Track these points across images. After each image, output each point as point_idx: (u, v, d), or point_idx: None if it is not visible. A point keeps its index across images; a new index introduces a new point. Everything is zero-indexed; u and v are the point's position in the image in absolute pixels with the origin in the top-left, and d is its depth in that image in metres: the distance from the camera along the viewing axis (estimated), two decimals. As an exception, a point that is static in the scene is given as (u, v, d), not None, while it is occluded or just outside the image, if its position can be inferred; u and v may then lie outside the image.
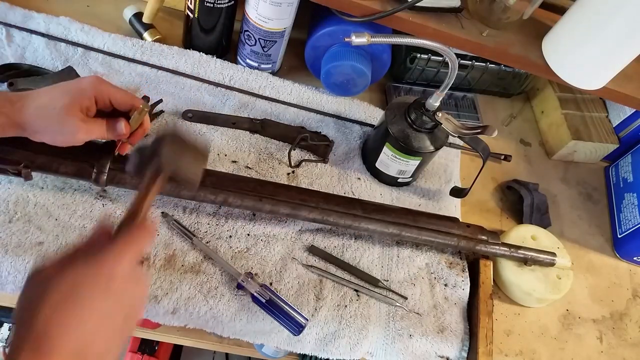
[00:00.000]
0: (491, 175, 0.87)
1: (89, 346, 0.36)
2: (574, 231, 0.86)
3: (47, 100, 0.52)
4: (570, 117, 0.91)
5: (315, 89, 0.83)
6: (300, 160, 0.76)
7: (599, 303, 0.80)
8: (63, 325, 0.36)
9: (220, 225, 0.67)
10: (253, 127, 0.76)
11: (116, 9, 0.82)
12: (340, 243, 0.70)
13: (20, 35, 0.73)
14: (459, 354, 0.67)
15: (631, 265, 0.85)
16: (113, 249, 0.40)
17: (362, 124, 0.82)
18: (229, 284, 0.63)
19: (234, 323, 0.62)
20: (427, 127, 0.70)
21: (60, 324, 0.36)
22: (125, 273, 0.40)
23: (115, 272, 0.39)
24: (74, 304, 0.37)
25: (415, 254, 0.72)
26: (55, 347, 0.35)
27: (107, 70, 0.75)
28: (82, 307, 0.37)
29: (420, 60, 0.86)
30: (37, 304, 0.36)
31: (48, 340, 0.35)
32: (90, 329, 0.37)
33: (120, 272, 0.39)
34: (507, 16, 0.72)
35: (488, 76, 0.91)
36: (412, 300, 0.69)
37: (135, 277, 0.41)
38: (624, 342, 0.77)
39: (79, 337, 0.36)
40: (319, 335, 0.64)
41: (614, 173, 0.92)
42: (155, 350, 1.20)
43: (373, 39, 0.59)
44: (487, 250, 0.71)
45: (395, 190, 0.78)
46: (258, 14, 0.73)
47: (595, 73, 0.71)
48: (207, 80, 0.78)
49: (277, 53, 0.80)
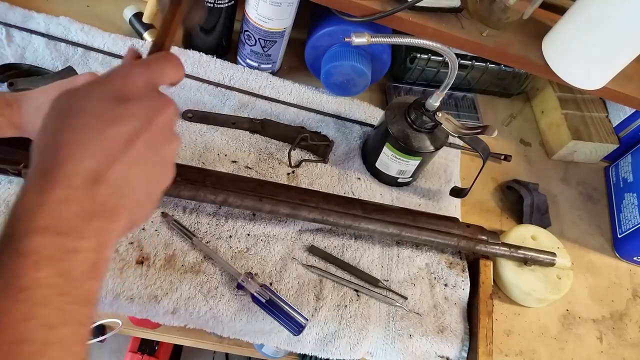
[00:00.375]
0: (491, 175, 0.87)
1: (107, 171, 0.31)
2: (574, 231, 0.86)
3: (43, 101, 0.52)
4: (570, 117, 0.91)
5: (315, 89, 0.83)
6: (300, 160, 0.76)
7: (599, 303, 0.80)
8: (69, 143, 0.31)
9: (220, 225, 0.67)
10: (253, 127, 0.76)
11: (116, 9, 0.82)
12: (340, 243, 0.70)
13: (20, 35, 0.73)
14: (459, 354, 0.67)
15: (631, 265, 0.85)
16: (126, 66, 0.35)
17: (362, 124, 0.82)
18: (229, 284, 0.63)
19: (234, 323, 0.62)
20: (427, 127, 0.70)
21: (66, 142, 0.31)
22: (141, 95, 0.34)
23: (127, 91, 0.33)
24: (81, 118, 0.31)
25: (415, 254, 0.72)
26: (64, 166, 0.30)
27: (107, 70, 0.74)
28: (89, 123, 0.31)
29: (420, 60, 0.86)
30: (45, 126, 0.32)
31: (55, 161, 0.30)
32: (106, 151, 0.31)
33: (135, 93, 0.33)
34: (507, 16, 0.72)
35: (488, 76, 0.91)
36: (412, 300, 0.69)
37: (156, 104, 0.34)
38: (624, 342, 0.77)
39: (92, 158, 0.31)
40: (319, 335, 0.64)
41: (614, 173, 0.92)
42: (155, 350, 1.20)
43: (373, 39, 0.59)
44: (487, 250, 0.71)
45: (395, 190, 0.78)
46: (258, 14, 0.73)
47: (595, 73, 0.71)
48: (207, 80, 0.78)
49: (277, 53, 0.80)
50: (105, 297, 0.59)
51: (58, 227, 0.29)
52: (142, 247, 0.62)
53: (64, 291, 0.29)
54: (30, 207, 0.29)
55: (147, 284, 0.60)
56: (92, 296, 0.31)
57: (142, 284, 0.60)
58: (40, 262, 0.28)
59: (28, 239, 0.29)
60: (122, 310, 0.60)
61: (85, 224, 0.30)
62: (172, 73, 0.37)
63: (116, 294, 0.59)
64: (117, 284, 0.59)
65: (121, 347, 1.33)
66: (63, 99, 0.33)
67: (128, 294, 0.59)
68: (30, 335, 0.28)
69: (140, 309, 0.60)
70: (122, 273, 0.60)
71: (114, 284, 0.59)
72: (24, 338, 0.28)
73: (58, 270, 0.29)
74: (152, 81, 0.35)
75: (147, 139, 0.33)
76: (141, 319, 0.62)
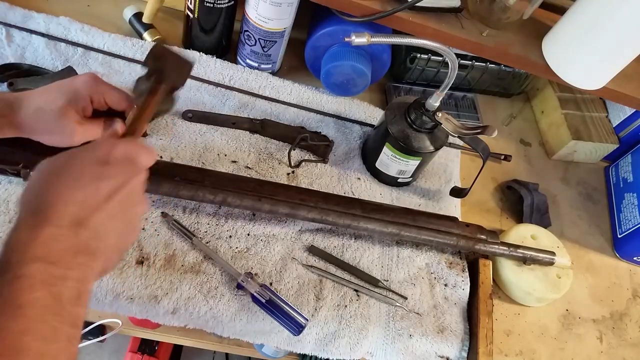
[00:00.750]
0: (491, 175, 0.87)
1: (89, 218, 0.37)
2: (574, 231, 0.86)
3: (43, 102, 0.52)
4: (570, 117, 0.91)
5: (315, 89, 0.83)
6: (300, 160, 0.76)
7: (599, 303, 0.80)
8: (59, 192, 0.37)
9: (220, 225, 0.67)
10: (253, 127, 0.76)
11: (116, 9, 0.82)
12: (340, 243, 0.70)
13: (20, 35, 0.73)
14: (459, 354, 0.67)
15: (631, 265, 0.85)
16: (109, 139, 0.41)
17: (362, 124, 0.82)
18: (229, 284, 0.63)
19: (234, 323, 0.62)
20: (427, 127, 0.70)
21: (56, 191, 0.37)
22: (119, 162, 0.40)
23: (109, 158, 0.40)
24: (69, 174, 0.38)
25: (415, 254, 0.72)
26: (53, 211, 0.36)
27: (107, 70, 0.75)
28: (77, 178, 0.38)
29: (420, 60, 0.86)
30: (33, 182, 0.38)
31: (45, 205, 0.36)
32: (89, 202, 0.37)
33: (115, 160, 0.40)
34: (507, 16, 0.72)
35: (488, 76, 0.91)
36: (412, 300, 0.69)
37: (131, 169, 0.41)
38: (624, 342, 0.77)
39: (77, 205, 0.37)
40: (319, 335, 0.64)
41: (614, 173, 0.93)
42: (155, 350, 1.20)
43: (373, 39, 0.59)
44: (486, 249, 0.71)
45: (395, 190, 0.78)
46: (258, 14, 0.73)
47: (595, 73, 0.71)
48: (207, 80, 0.78)
49: (277, 53, 0.80)
50: (105, 297, 0.59)
51: (49, 257, 0.34)
52: (142, 247, 0.62)
53: (56, 312, 0.34)
54: (24, 240, 0.34)
55: (147, 284, 0.60)
56: (78, 320, 0.36)
57: (142, 284, 0.60)
58: (35, 285, 0.33)
59: (24, 265, 0.33)
60: (122, 310, 0.60)
61: (72, 258, 0.36)
62: (146, 158, 0.43)
63: (116, 294, 0.59)
64: (117, 284, 0.59)
65: (121, 347, 1.33)
66: (51, 159, 0.39)
67: (128, 294, 0.59)
68: (27, 346, 0.32)
69: (140, 309, 0.60)
70: (122, 273, 0.60)
71: (114, 284, 0.59)
72: (22, 348, 0.32)
73: (50, 293, 0.34)
74: (130, 154, 0.41)
75: (122, 197, 0.39)
76: (141, 319, 0.62)
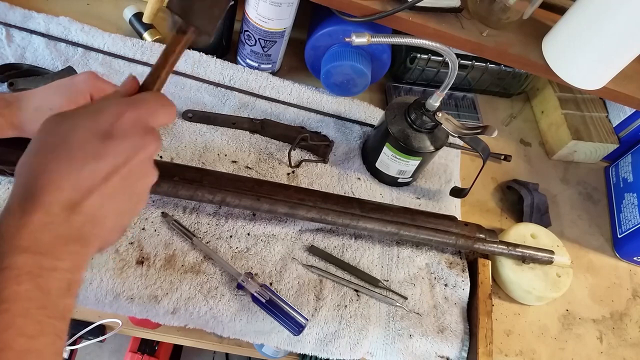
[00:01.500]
0: (491, 175, 0.87)
1: (82, 202, 0.34)
2: (574, 231, 0.86)
3: (42, 102, 0.52)
4: (570, 117, 0.91)
5: (315, 89, 0.83)
6: (300, 160, 0.76)
7: (599, 303, 0.80)
8: (51, 173, 0.33)
9: (220, 225, 0.67)
10: (253, 127, 0.76)
11: (116, 9, 0.82)
12: (340, 243, 0.70)
13: (20, 35, 0.73)
14: (459, 354, 0.67)
15: (631, 265, 0.85)
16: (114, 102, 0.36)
17: (362, 124, 0.82)
18: (229, 284, 0.63)
19: (234, 323, 0.62)
20: (427, 127, 0.70)
21: (49, 172, 0.33)
22: (126, 133, 0.35)
23: (113, 129, 0.34)
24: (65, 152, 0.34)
25: (415, 254, 0.72)
26: (45, 194, 0.32)
27: (107, 70, 0.75)
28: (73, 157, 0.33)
29: (420, 60, 0.86)
30: (31, 151, 0.34)
31: (37, 188, 0.33)
32: (83, 184, 0.34)
33: (120, 131, 0.35)
34: (507, 16, 0.72)
35: (488, 76, 0.91)
36: (412, 300, 0.69)
37: (138, 142, 0.35)
38: (624, 342, 0.77)
39: (71, 188, 0.33)
40: (319, 335, 0.64)
41: (614, 173, 0.92)
42: (155, 350, 1.20)
43: (373, 39, 0.59)
44: (485, 248, 0.71)
45: (395, 190, 0.78)
46: (258, 14, 0.73)
47: (595, 73, 0.71)
48: (207, 80, 0.78)
49: (277, 53, 0.80)
50: (105, 297, 0.59)
51: (37, 247, 0.32)
52: (142, 247, 0.62)
53: (42, 305, 0.32)
54: (12, 228, 0.32)
55: (147, 284, 0.60)
56: (67, 313, 0.34)
57: (142, 284, 0.60)
58: (21, 277, 0.31)
59: (10, 256, 0.31)
60: (122, 310, 0.60)
61: (62, 247, 0.33)
62: (163, 117, 0.38)
63: (116, 294, 0.59)
64: (117, 284, 0.59)
65: (121, 347, 1.33)
66: (53, 123, 0.35)
67: (128, 294, 0.59)
68: (10, 343, 0.30)
69: (140, 309, 0.60)
70: (122, 273, 0.60)
71: (114, 284, 0.59)
72: (4, 346, 0.30)
73: (37, 286, 0.32)
74: (141, 121, 0.36)
75: (124, 174, 0.35)
76: (141, 319, 0.62)
